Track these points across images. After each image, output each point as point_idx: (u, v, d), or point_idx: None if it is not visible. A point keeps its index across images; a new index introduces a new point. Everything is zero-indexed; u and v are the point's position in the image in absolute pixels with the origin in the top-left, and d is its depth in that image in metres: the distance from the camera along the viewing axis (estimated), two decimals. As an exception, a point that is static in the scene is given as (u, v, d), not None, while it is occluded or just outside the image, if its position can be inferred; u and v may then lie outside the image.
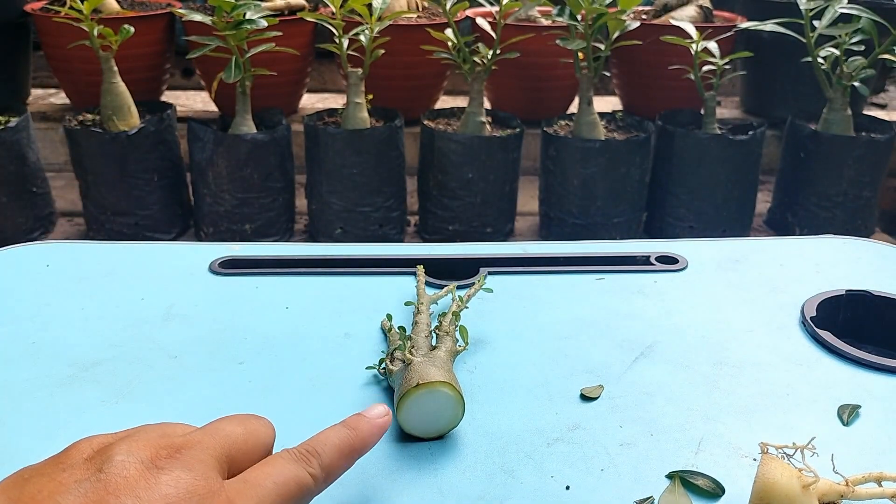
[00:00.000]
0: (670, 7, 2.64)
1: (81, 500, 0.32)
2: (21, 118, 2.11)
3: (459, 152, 2.09)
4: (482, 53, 2.08)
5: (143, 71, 2.48)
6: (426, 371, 0.51)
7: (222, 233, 2.11)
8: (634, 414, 0.54)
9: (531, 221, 2.36)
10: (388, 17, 2.07)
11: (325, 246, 0.80)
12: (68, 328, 0.64)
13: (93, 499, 0.32)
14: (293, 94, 2.66)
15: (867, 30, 1.94)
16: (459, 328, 0.58)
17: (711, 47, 2.08)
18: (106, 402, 0.55)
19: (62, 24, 2.23)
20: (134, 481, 0.33)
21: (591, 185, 2.10)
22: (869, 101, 2.94)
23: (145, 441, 0.36)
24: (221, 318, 0.66)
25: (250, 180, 2.06)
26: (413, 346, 0.55)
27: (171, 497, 0.33)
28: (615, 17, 1.97)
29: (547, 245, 0.81)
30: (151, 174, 2.10)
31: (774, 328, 0.66)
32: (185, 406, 0.55)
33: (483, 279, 0.67)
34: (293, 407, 0.55)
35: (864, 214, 2.18)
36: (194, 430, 0.38)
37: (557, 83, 2.59)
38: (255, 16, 1.90)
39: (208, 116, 2.52)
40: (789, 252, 0.80)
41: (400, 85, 2.50)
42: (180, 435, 0.37)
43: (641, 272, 0.75)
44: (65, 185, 2.47)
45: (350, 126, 2.06)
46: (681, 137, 2.15)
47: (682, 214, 2.21)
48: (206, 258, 0.76)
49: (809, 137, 2.14)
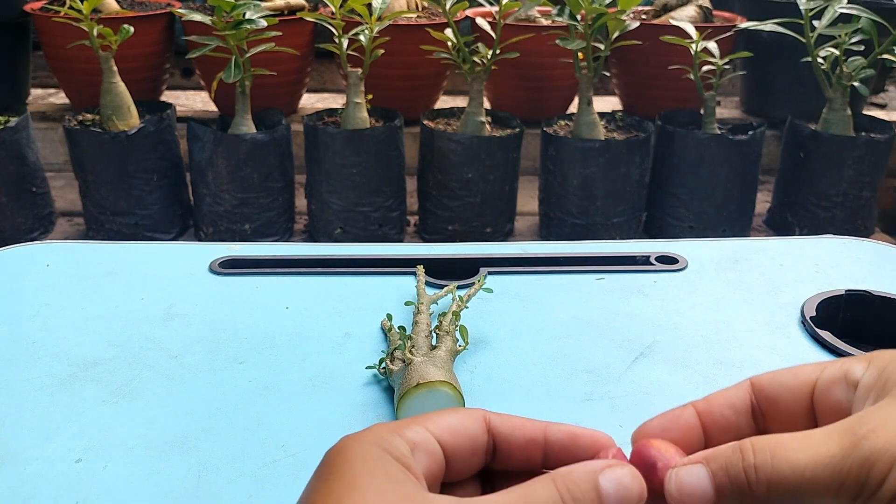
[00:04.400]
0: (670, 7, 2.64)
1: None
2: (21, 118, 2.11)
3: (459, 152, 2.09)
4: (482, 53, 2.08)
5: (143, 71, 2.48)
6: (426, 371, 0.51)
7: (222, 233, 2.11)
8: (634, 414, 0.54)
9: (531, 221, 2.36)
10: (388, 17, 2.07)
11: (325, 246, 0.80)
12: (68, 328, 0.64)
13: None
14: (293, 94, 2.65)
15: (867, 30, 1.94)
16: (459, 328, 0.58)
17: (711, 47, 2.08)
18: (106, 401, 0.55)
19: (62, 24, 2.23)
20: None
21: (591, 185, 2.10)
22: (869, 101, 2.94)
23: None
24: (221, 318, 0.66)
25: (250, 180, 2.06)
26: (413, 345, 0.55)
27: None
28: (615, 17, 1.97)
29: (547, 245, 0.81)
30: (151, 174, 2.10)
31: (774, 328, 0.66)
32: (185, 406, 0.55)
33: (483, 279, 0.67)
34: (293, 407, 0.55)
35: (864, 214, 2.18)
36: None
37: (557, 83, 2.59)
38: (254, 16, 1.90)
39: (208, 116, 2.52)
40: (789, 252, 0.80)
41: (400, 85, 2.50)
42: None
43: (641, 272, 0.75)
44: (64, 184, 2.47)
45: (350, 126, 2.06)
46: (680, 137, 2.15)
47: (681, 214, 2.21)
48: (206, 258, 0.76)
49: (809, 137, 2.14)
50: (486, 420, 0.34)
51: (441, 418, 0.33)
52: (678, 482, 0.30)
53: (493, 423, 0.34)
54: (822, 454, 0.28)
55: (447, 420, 0.33)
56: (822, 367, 0.34)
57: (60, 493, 0.46)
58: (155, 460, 0.49)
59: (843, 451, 0.28)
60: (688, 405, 0.35)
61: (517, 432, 0.34)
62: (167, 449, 0.50)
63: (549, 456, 0.34)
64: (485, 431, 0.34)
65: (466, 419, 0.34)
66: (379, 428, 0.32)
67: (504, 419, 0.34)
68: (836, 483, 0.28)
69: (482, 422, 0.34)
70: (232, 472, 0.48)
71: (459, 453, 0.33)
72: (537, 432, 0.34)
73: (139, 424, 0.53)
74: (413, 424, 0.33)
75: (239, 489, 0.47)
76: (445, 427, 0.33)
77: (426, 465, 0.32)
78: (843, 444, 0.28)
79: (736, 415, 0.34)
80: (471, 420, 0.34)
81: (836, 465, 0.28)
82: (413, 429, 0.32)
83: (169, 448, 0.50)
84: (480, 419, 0.34)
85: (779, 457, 0.29)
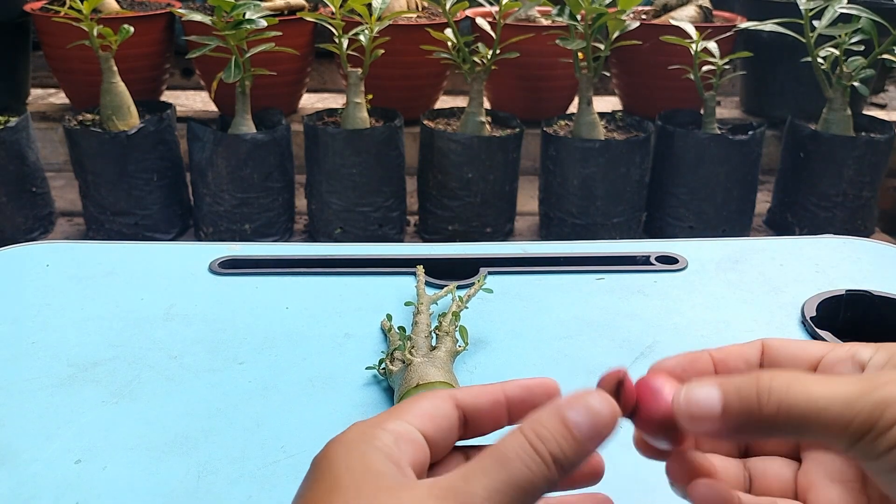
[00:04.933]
0: (670, 7, 2.64)
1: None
2: (21, 118, 2.11)
3: (459, 152, 2.09)
4: (482, 53, 2.08)
5: (143, 71, 2.48)
6: (426, 371, 0.51)
7: (222, 233, 2.11)
8: (634, 414, 0.54)
9: (531, 221, 2.36)
10: (388, 17, 2.07)
11: (325, 246, 0.80)
12: (68, 328, 0.64)
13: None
14: (293, 94, 2.65)
15: (867, 30, 1.94)
16: (459, 328, 0.58)
17: (711, 47, 2.08)
18: (106, 402, 0.55)
19: (62, 24, 2.23)
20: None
21: (591, 185, 2.10)
22: (869, 101, 2.94)
23: None
24: (221, 318, 0.66)
25: (250, 180, 2.06)
26: (413, 346, 0.55)
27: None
28: (615, 17, 1.97)
29: (547, 245, 0.81)
30: (151, 174, 2.10)
31: (774, 328, 0.65)
32: (185, 406, 0.55)
33: (483, 279, 0.67)
34: (293, 407, 0.55)
35: (863, 214, 2.18)
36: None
37: (557, 83, 2.59)
38: (254, 16, 1.90)
39: (208, 116, 2.52)
40: (789, 252, 0.80)
41: (400, 85, 2.50)
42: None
43: (641, 272, 0.75)
44: (64, 184, 2.47)
45: (350, 126, 2.06)
46: (680, 137, 2.15)
47: (681, 214, 2.21)
48: (205, 258, 0.76)
49: (809, 137, 2.14)
50: (452, 397, 0.35)
51: (416, 407, 0.34)
52: (687, 394, 0.31)
53: (459, 398, 0.35)
54: (838, 391, 0.29)
55: (422, 407, 0.34)
56: (830, 347, 0.35)
57: (60, 494, 0.46)
58: (155, 461, 0.49)
59: (860, 391, 0.28)
60: (704, 351, 0.36)
61: (480, 399, 0.35)
62: (167, 449, 0.50)
63: (511, 413, 0.36)
64: (454, 408, 0.35)
65: (438, 402, 0.35)
66: (360, 425, 0.33)
67: (465, 391, 0.36)
68: (846, 418, 0.28)
69: (450, 400, 0.35)
70: (232, 473, 0.48)
71: (439, 435, 0.34)
72: (497, 393, 0.35)
73: (139, 425, 0.53)
74: (391, 418, 0.33)
75: (239, 490, 0.47)
76: (422, 414, 0.34)
77: (412, 455, 0.32)
78: (861, 386, 0.29)
79: (748, 369, 0.35)
80: (441, 402, 0.35)
81: (851, 401, 0.28)
82: (394, 421, 0.33)
83: (169, 449, 0.50)
84: (448, 398, 0.35)
85: (795, 386, 0.29)
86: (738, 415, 0.30)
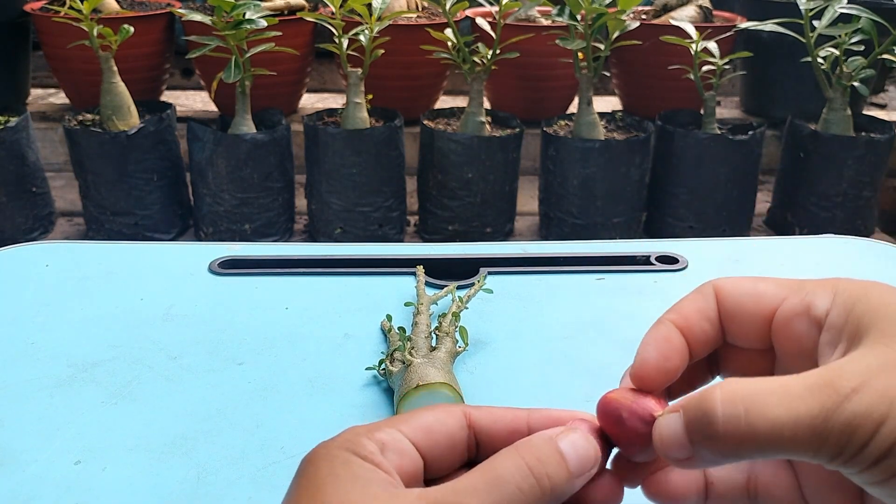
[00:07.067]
0: (670, 7, 2.64)
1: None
2: (21, 118, 2.11)
3: (459, 152, 2.09)
4: (482, 53, 2.08)
5: (143, 71, 2.48)
6: (426, 372, 0.51)
7: (222, 233, 2.11)
8: (634, 414, 0.54)
9: (531, 221, 2.36)
10: (388, 17, 2.07)
11: (325, 246, 0.80)
12: (68, 328, 0.64)
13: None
14: (293, 94, 2.65)
15: (867, 30, 1.94)
16: (459, 329, 0.58)
17: (711, 47, 2.08)
18: (105, 402, 0.55)
19: (62, 24, 2.23)
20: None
21: (591, 185, 2.10)
22: (869, 101, 2.94)
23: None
24: (221, 319, 0.66)
25: (250, 180, 2.06)
26: (413, 346, 0.55)
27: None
28: (615, 17, 1.97)
29: (547, 245, 0.81)
30: (151, 174, 2.10)
31: (774, 328, 0.65)
32: (185, 407, 0.54)
33: (483, 279, 0.67)
34: (293, 407, 0.55)
35: (864, 214, 2.18)
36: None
37: (557, 83, 2.59)
38: (254, 16, 1.90)
39: (208, 116, 2.52)
40: (789, 252, 0.80)
41: (400, 85, 2.50)
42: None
43: (641, 272, 0.75)
44: (64, 184, 2.47)
45: (350, 126, 2.06)
46: (680, 137, 2.15)
47: (681, 214, 2.21)
48: (205, 258, 0.76)
49: (809, 137, 2.14)
50: (466, 415, 0.34)
51: (415, 418, 0.34)
52: (657, 433, 0.31)
53: (474, 417, 0.34)
54: (802, 413, 0.27)
55: (422, 419, 0.33)
56: (782, 296, 0.33)
57: (60, 495, 0.46)
58: (154, 462, 0.49)
59: (825, 412, 0.27)
60: (665, 322, 0.35)
61: (498, 424, 0.34)
62: (166, 450, 0.50)
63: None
64: (464, 427, 0.34)
65: (444, 416, 0.34)
66: (349, 432, 0.33)
67: (484, 412, 0.35)
68: (816, 443, 0.27)
69: (461, 417, 0.34)
70: (231, 474, 0.48)
71: (437, 450, 0.33)
72: (519, 422, 0.34)
73: (138, 426, 0.53)
74: (384, 426, 0.33)
75: (238, 491, 0.47)
76: (419, 426, 0.33)
77: (397, 464, 0.32)
78: (824, 402, 0.27)
79: (712, 327, 0.35)
80: (448, 417, 0.34)
81: (818, 426, 0.27)
82: (383, 430, 0.33)
83: (168, 449, 0.50)
84: (459, 415, 0.34)
85: (754, 413, 0.27)
86: (705, 446, 0.29)
